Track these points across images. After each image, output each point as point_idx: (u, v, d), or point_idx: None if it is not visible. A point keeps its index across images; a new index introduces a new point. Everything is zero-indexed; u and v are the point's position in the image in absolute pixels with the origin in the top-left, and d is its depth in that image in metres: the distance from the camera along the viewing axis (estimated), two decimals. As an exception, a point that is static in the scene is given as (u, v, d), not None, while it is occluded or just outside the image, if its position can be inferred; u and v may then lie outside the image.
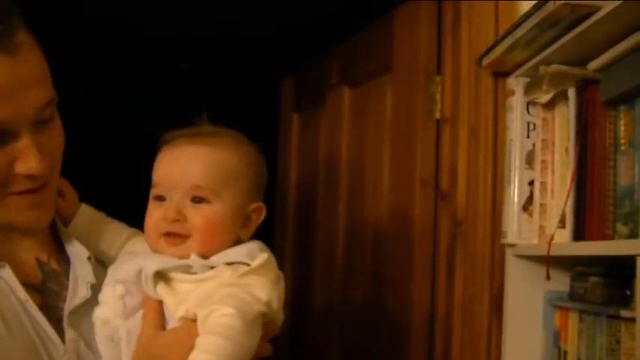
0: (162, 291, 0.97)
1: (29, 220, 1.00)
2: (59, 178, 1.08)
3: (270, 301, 0.96)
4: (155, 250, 1.03)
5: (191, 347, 0.90)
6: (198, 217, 1.01)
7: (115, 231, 1.14)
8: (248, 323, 0.91)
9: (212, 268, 0.99)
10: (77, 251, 1.08)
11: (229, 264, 0.98)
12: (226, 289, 0.94)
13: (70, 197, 1.15)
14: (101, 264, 1.09)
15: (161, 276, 0.98)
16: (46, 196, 1.00)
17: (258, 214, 1.09)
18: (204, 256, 1.00)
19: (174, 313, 0.96)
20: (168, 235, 1.01)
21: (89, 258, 1.07)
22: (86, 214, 1.15)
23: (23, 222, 1.00)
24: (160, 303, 0.98)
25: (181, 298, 0.96)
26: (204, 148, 1.04)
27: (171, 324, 0.97)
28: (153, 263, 0.98)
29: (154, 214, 1.03)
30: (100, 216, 1.17)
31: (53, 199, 1.05)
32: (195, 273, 0.98)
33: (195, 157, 1.04)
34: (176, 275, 0.98)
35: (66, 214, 1.14)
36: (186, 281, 0.98)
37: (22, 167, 0.94)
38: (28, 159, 0.94)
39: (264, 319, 0.96)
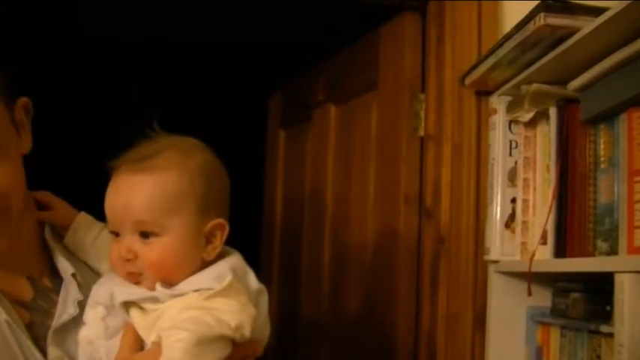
0: (134, 316, 0.95)
1: None
2: (43, 192, 1.09)
3: (241, 326, 0.92)
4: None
5: None
6: (149, 254, 0.96)
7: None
8: (202, 345, 0.88)
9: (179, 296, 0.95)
10: (64, 268, 1.07)
11: (197, 291, 0.94)
12: (189, 312, 0.91)
13: (60, 207, 1.14)
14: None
15: (132, 302, 0.96)
16: (5, 223, 0.99)
17: (222, 229, 1.01)
18: (171, 284, 0.96)
19: (147, 338, 0.94)
20: (128, 273, 0.97)
21: (74, 275, 1.06)
22: (83, 222, 1.14)
23: None
24: None
25: (152, 323, 0.94)
26: (142, 176, 0.97)
27: (147, 348, 0.95)
28: (121, 293, 0.96)
29: (114, 250, 0.99)
30: (99, 225, 1.14)
31: (14, 222, 1.02)
32: (162, 303, 0.95)
33: (134, 188, 0.97)
34: (145, 305, 0.96)
35: (61, 224, 1.13)
36: (155, 309, 0.95)
37: None
38: None
39: (238, 341, 0.93)
